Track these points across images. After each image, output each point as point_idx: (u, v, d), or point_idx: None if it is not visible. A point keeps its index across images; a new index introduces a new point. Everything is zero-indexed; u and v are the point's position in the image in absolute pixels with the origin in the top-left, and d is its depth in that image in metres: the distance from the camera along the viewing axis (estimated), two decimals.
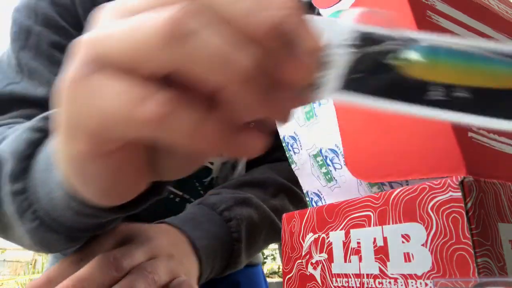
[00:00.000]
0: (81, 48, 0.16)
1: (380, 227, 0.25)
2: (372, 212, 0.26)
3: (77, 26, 0.50)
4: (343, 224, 0.28)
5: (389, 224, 0.25)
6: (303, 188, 0.37)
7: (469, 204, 0.21)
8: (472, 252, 0.20)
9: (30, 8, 0.49)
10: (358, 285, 0.26)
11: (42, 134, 0.30)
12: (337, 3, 0.33)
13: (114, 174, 0.20)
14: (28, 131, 0.30)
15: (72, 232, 0.31)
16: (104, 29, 0.16)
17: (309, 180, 0.36)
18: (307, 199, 0.37)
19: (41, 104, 0.45)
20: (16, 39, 0.48)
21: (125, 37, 0.15)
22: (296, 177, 0.37)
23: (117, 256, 0.32)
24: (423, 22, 0.26)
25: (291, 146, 0.37)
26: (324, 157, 0.33)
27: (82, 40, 0.17)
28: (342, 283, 0.27)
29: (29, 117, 0.43)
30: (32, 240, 0.32)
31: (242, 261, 0.49)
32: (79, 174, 0.20)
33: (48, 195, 0.28)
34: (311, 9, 0.31)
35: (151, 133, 0.15)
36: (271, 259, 5.78)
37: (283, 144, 0.38)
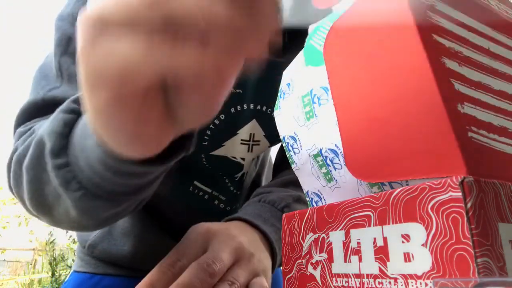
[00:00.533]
0: (86, 17, 0.19)
1: (380, 227, 0.25)
2: (372, 212, 0.26)
3: None
4: (343, 224, 0.28)
5: (389, 224, 0.25)
6: (303, 188, 0.37)
7: (469, 204, 0.21)
8: (472, 252, 0.20)
9: (74, 17, 0.51)
10: (358, 285, 0.26)
11: (75, 115, 0.33)
12: (337, 2, 0.33)
13: (137, 120, 0.21)
14: (62, 113, 0.33)
15: (114, 196, 0.33)
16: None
17: (309, 180, 0.36)
18: (307, 199, 0.37)
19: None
20: (58, 45, 0.50)
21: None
22: None
23: (209, 263, 0.36)
24: (423, 22, 0.26)
25: (291, 146, 0.37)
26: (324, 157, 0.33)
27: (86, 11, 0.19)
28: (342, 283, 0.27)
29: None
30: (78, 211, 0.33)
31: None
32: (107, 125, 0.22)
33: (87, 162, 0.30)
34: None
35: (164, 71, 0.18)
36: None
37: (283, 144, 0.38)
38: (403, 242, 0.24)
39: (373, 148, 0.27)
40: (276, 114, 0.39)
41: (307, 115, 0.34)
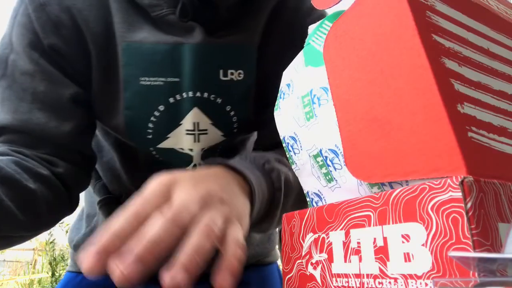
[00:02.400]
0: None
1: (380, 227, 0.25)
2: (372, 212, 0.26)
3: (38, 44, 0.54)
4: (343, 224, 0.28)
5: (389, 224, 0.25)
6: (303, 188, 0.37)
7: (469, 204, 0.21)
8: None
9: (8, 38, 0.54)
10: (358, 285, 0.26)
11: None
12: (337, 3, 0.33)
13: None
14: None
15: None
16: None
17: (309, 180, 0.36)
18: (308, 199, 0.37)
19: (2, 131, 0.52)
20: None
21: None
22: None
23: (176, 214, 0.32)
24: (423, 22, 0.26)
25: (291, 146, 0.37)
26: (324, 158, 0.33)
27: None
28: (342, 283, 0.28)
29: None
30: None
31: (276, 217, 0.49)
32: None
33: None
34: None
35: None
36: None
37: (283, 145, 0.38)
38: (403, 242, 0.24)
39: (373, 148, 0.27)
40: (276, 114, 0.39)
41: (307, 115, 0.34)
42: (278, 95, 0.40)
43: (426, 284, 0.22)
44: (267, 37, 0.59)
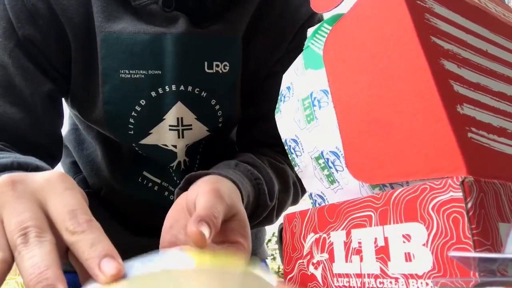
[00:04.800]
0: None
1: (381, 227, 0.25)
2: (373, 212, 0.26)
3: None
4: (344, 224, 0.28)
5: (390, 224, 0.25)
6: (307, 190, 0.37)
7: (469, 204, 0.21)
8: (473, 251, 0.20)
9: None
10: (359, 285, 0.26)
11: None
12: (337, 6, 0.33)
13: None
14: None
15: None
16: None
17: (312, 182, 0.36)
18: (311, 201, 0.37)
19: None
20: None
21: None
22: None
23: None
24: (422, 25, 0.26)
25: (293, 149, 0.37)
26: (326, 160, 0.33)
27: None
28: (343, 283, 0.28)
29: None
30: None
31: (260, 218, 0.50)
32: None
33: None
34: None
35: None
36: (271, 259, 5.77)
37: (285, 147, 0.38)
38: (404, 242, 0.24)
39: (374, 150, 0.27)
40: (277, 117, 0.40)
41: (308, 118, 0.34)
42: (279, 98, 0.40)
43: (427, 284, 0.22)
44: (255, 29, 0.56)
